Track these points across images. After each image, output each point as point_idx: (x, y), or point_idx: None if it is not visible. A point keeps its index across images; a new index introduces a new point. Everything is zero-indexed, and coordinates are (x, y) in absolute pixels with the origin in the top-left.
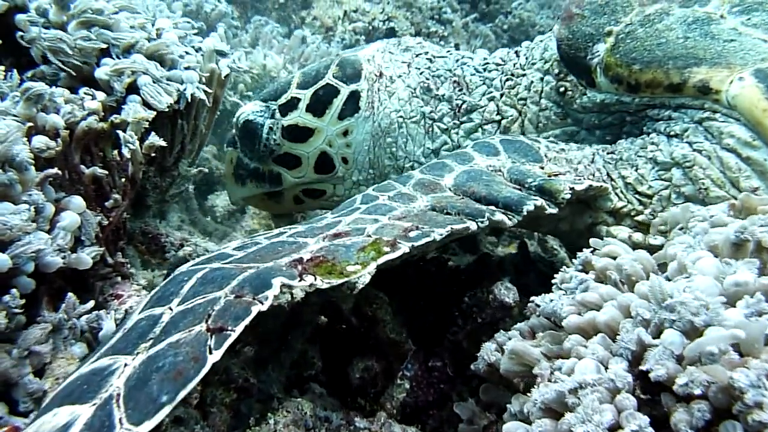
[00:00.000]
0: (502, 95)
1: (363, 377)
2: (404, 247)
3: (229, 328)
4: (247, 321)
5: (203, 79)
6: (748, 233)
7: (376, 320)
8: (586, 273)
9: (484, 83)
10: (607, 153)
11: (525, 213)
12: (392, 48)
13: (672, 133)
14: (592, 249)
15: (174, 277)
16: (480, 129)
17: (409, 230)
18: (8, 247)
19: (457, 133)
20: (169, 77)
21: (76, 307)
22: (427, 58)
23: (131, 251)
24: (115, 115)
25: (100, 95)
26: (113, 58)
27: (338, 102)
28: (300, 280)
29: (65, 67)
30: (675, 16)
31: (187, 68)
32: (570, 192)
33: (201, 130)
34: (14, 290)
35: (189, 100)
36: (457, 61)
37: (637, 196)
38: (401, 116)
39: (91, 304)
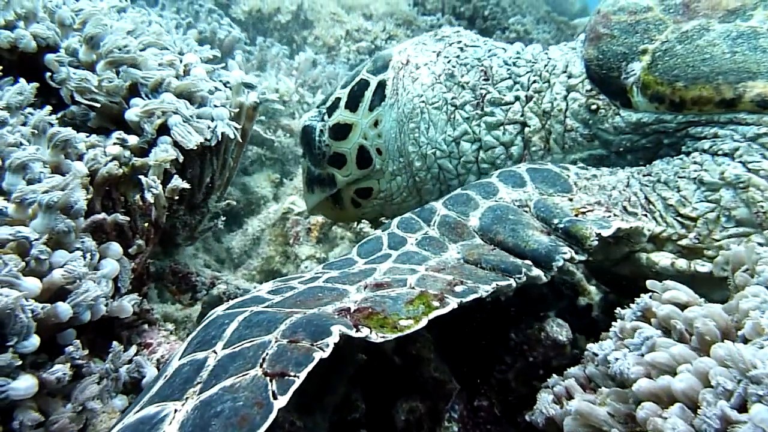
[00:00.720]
0: (528, 98)
1: (408, 419)
2: (453, 303)
3: (292, 373)
4: (310, 367)
5: (232, 114)
6: None
7: (421, 359)
8: (647, 321)
9: (510, 77)
10: (643, 175)
11: (555, 270)
12: (427, 39)
13: (720, 152)
14: (650, 293)
15: (213, 320)
16: (502, 128)
17: (454, 284)
18: (67, 295)
19: (478, 125)
20: (199, 115)
21: (121, 357)
22: (458, 47)
23: (156, 289)
24: (135, 159)
25: (133, 139)
26: (143, 98)
27: (368, 94)
28: (356, 331)
29: (94, 108)
30: (716, 31)
31: (216, 105)
32: (597, 239)
33: (229, 164)
34: (77, 341)
35: (219, 138)
36: (489, 51)
37: (679, 218)
38: (423, 101)
39: (134, 350)
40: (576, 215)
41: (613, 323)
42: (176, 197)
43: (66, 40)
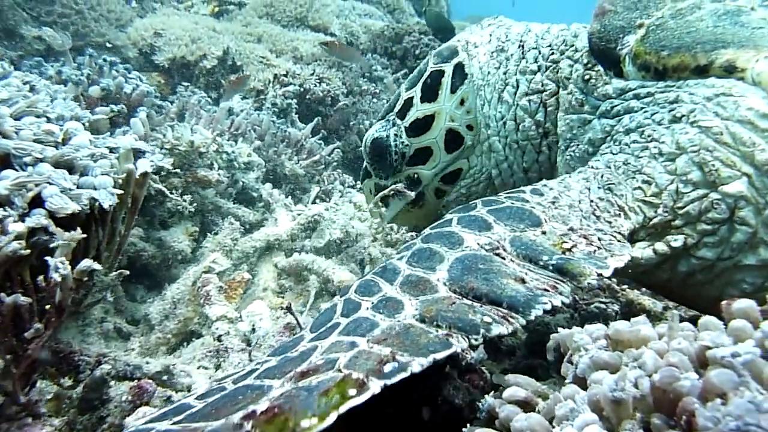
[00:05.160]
0: (547, 68)
1: None
2: (374, 387)
3: None
4: None
5: (119, 182)
6: (621, 392)
7: None
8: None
9: (536, 47)
10: (601, 177)
11: (533, 318)
12: (475, 29)
13: (678, 114)
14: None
15: None
16: (526, 98)
17: (386, 361)
18: None
19: (515, 98)
20: (80, 184)
21: None
22: (505, 28)
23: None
24: (40, 236)
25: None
26: (16, 169)
27: (446, 79)
28: None
29: None
30: (706, 9)
31: (100, 173)
32: (596, 278)
33: (119, 232)
34: None
35: (103, 207)
36: (528, 29)
37: (646, 201)
38: (479, 77)
39: None
40: (562, 252)
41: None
42: (85, 278)
43: None
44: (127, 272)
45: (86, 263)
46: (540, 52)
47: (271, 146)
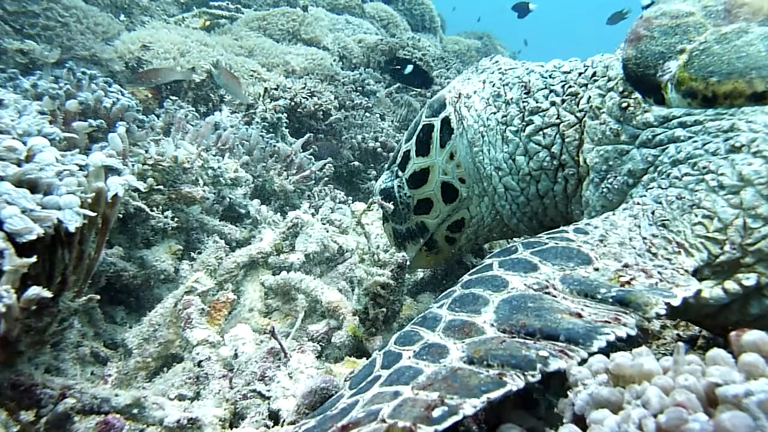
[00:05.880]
0: (563, 101)
1: None
2: None
3: None
4: None
5: (87, 201)
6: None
7: None
8: None
9: (546, 87)
10: (651, 213)
11: (596, 350)
12: (469, 74)
13: (737, 144)
14: None
15: None
16: (540, 132)
17: (433, 407)
18: None
19: (523, 135)
20: (44, 204)
21: None
22: (500, 72)
23: None
24: None
25: None
26: None
27: (436, 134)
28: None
29: None
30: (755, 33)
31: (66, 192)
32: (665, 308)
33: (89, 254)
34: None
35: (69, 228)
36: (527, 69)
37: (710, 236)
38: (480, 125)
39: None
40: (621, 285)
41: None
42: (33, 307)
43: None
44: (98, 297)
45: (33, 291)
46: (551, 91)
47: (259, 161)
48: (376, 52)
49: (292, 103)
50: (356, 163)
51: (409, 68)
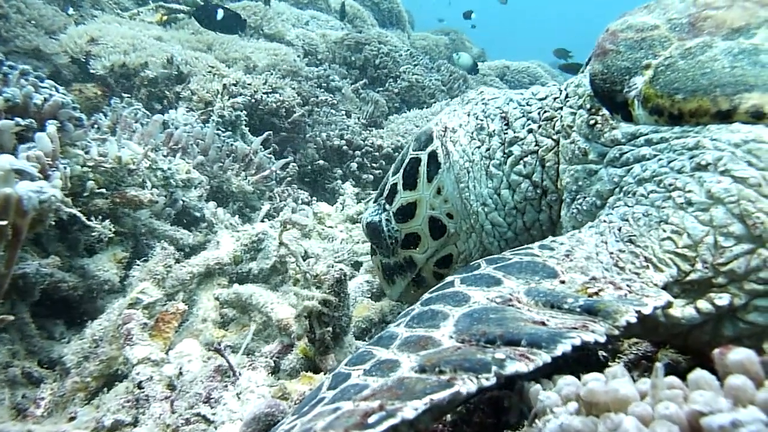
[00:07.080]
0: (539, 126)
1: None
2: None
3: None
4: None
5: None
6: None
7: None
8: None
9: (523, 116)
10: (618, 230)
11: (559, 353)
12: (456, 106)
13: (703, 162)
14: None
15: None
16: (521, 162)
17: (370, 413)
18: None
19: (505, 168)
20: None
21: None
22: (482, 103)
23: None
24: None
25: None
26: None
27: (423, 168)
28: None
29: None
30: (719, 48)
31: None
32: (636, 316)
33: None
34: None
35: None
36: (508, 98)
37: (678, 252)
38: (465, 160)
39: None
40: (588, 296)
41: None
42: None
43: None
44: (12, 317)
45: None
46: (528, 118)
47: (215, 161)
48: (342, 47)
49: (253, 100)
50: (321, 161)
51: (221, 13)
